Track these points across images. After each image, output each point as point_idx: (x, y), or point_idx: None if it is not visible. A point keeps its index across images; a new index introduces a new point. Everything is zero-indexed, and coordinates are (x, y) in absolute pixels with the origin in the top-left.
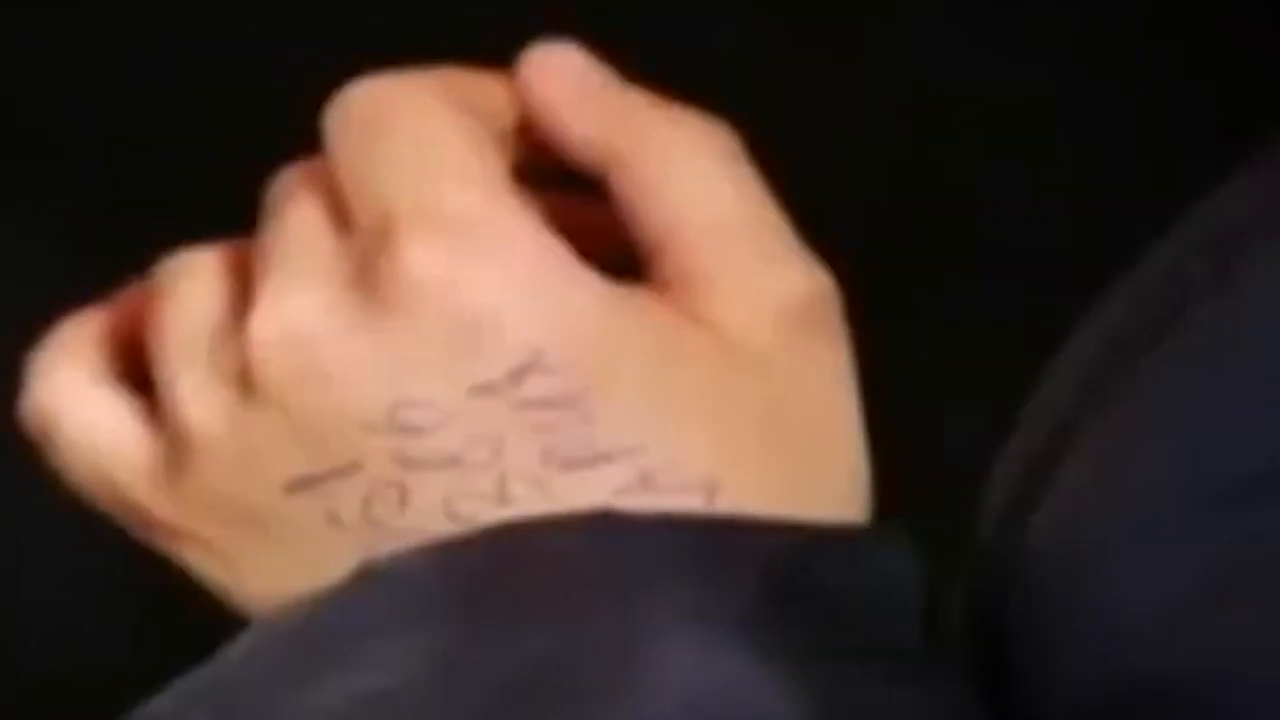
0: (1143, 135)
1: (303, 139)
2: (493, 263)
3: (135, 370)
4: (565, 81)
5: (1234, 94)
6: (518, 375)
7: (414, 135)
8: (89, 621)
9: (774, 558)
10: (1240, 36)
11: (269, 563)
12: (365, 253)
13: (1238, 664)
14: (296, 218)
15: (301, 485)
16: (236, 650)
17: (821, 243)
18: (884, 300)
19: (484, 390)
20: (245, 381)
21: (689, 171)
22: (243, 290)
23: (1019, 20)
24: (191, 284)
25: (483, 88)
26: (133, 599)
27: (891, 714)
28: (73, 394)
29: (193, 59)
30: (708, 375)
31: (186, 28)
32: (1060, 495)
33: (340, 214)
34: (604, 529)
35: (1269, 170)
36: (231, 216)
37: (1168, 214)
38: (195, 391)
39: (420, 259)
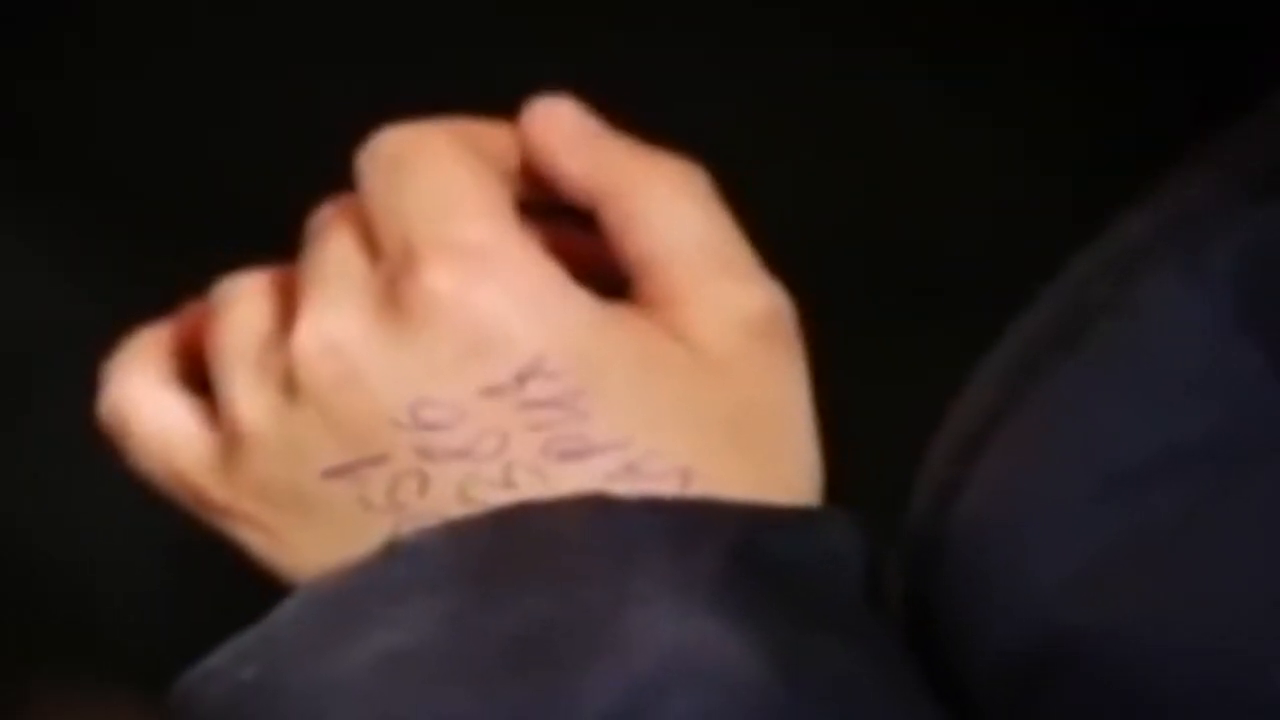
0: (1061, 177)
1: (339, 178)
2: (499, 283)
3: (196, 375)
4: (561, 130)
5: (1139, 144)
6: (522, 379)
7: (432, 175)
8: (156, 590)
9: (740, 535)
10: (1144, 97)
11: (309, 539)
12: (391, 275)
13: (1131, 625)
14: (333, 246)
15: (337, 473)
16: (281, 614)
17: (784, 267)
18: (836, 316)
19: (492, 392)
20: (289, 384)
21: (667, 207)
22: (287, 307)
23: (964, 81)
24: (243, 302)
25: (491, 135)
26: (192, 570)
27: (838, 668)
28: (142, 395)
29: (248, 115)
30: (683, 380)
31: (242, 88)
32: (982, 482)
33: (370, 242)
34: (595, 511)
35: (1160, 205)
36: (278, 245)
37: (1081, 242)
38: (246, 393)
39: (438, 280)
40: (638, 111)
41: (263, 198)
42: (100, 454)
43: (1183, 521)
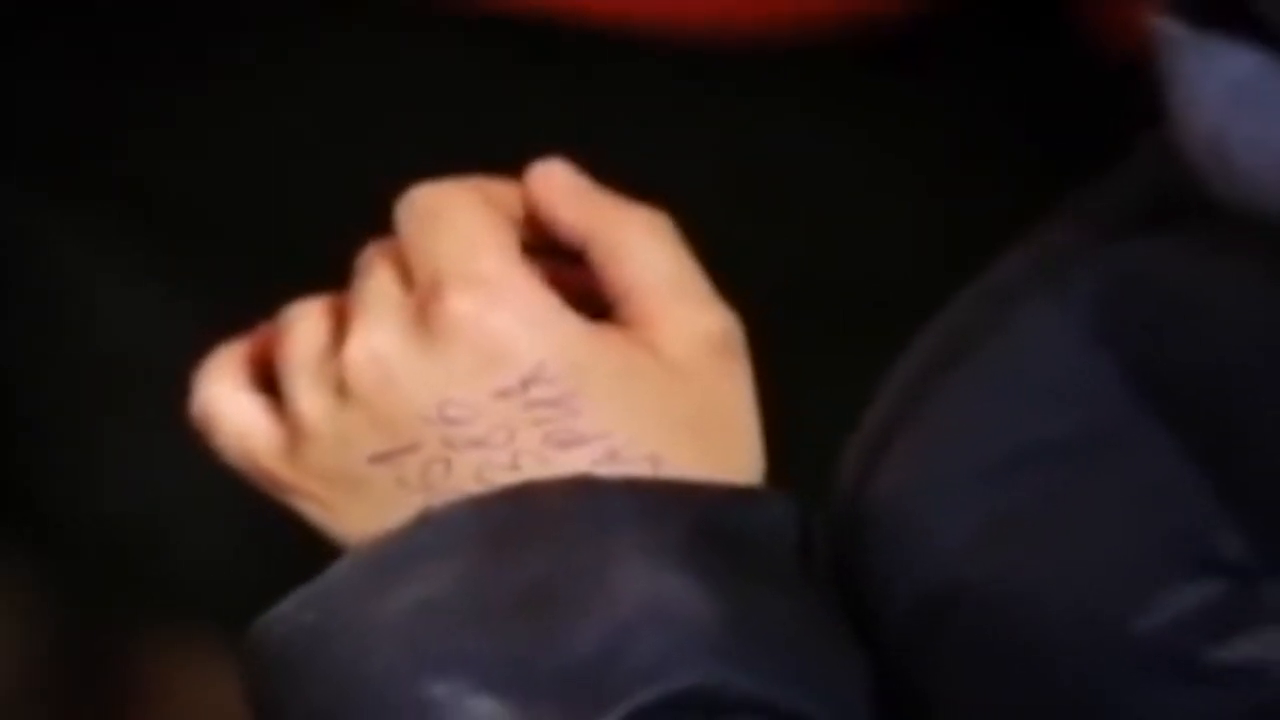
0: (961, 221)
1: (381, 224)
2: (508, 308)
3: (267, 381)
4: (557, 185)
5: (1012, 199)
6: (526, 384)
7: (455, 222)
8: (235, 554)
9: (699, 509)
10: (1008, 151)
11: (358, 511)
12: (422, 301)
13: (1007, 581)
14: (376, 278)
15: (380, 459)
16: (335, 571)
17: (735, 294)
18: (775, 335)
19: (503, 394)
20: (341, 388)
21: (641, 247)
22: (339, 327)
23: (872, 138)
24: (305, 322)
25: (501, 190)
26: (264, 536)
27: (777, 617)
28: (224, 398)
29: (313, 179)
30: (655, 385)
31: (306, 156)
32: (890, 468)
33: (406, 275)
34: (584, 489)
35: (1032, 245)
36: (332, 277)
37: (965, 277)
38: (307, 395)
39: (459, 305)
40: (618, 173)
41: (321, 241)
42: (192, 445)
43: (1047, 502)
